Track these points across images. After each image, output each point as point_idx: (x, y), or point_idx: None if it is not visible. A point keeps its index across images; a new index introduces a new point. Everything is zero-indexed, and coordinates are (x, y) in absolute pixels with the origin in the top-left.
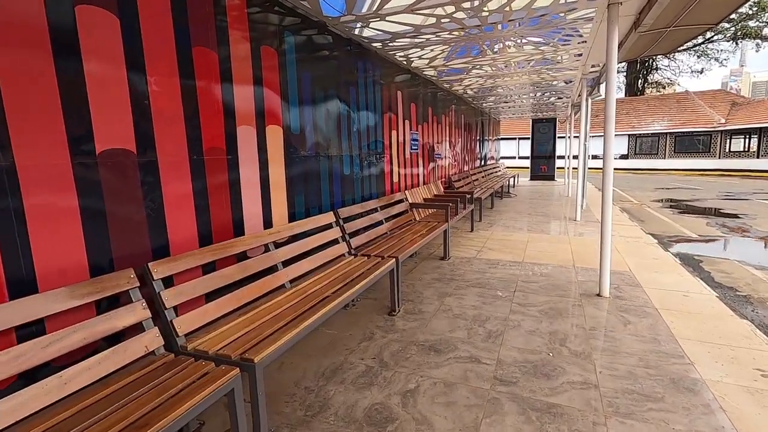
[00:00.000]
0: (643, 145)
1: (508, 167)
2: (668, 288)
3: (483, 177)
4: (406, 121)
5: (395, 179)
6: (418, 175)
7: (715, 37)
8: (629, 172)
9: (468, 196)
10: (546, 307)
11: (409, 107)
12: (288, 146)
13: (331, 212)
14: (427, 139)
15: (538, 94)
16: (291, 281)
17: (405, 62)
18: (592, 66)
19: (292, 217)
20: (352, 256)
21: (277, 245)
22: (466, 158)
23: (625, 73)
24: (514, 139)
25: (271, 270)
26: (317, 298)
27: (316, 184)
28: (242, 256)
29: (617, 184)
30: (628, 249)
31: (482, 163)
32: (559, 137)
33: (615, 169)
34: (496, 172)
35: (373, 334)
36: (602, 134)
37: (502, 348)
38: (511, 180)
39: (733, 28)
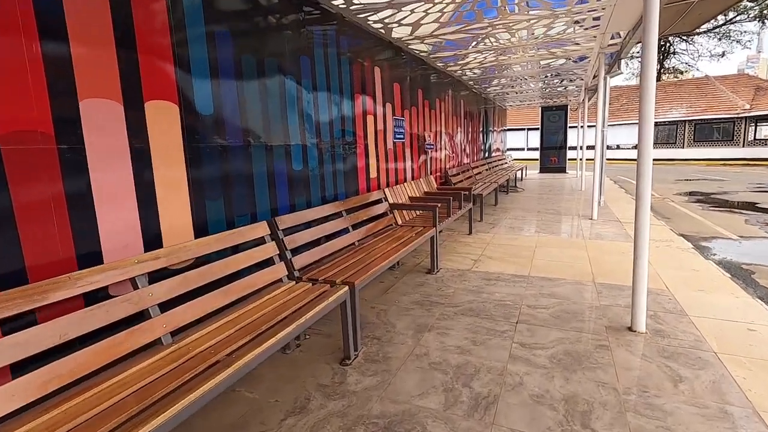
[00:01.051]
0: (659, 134)
1: (515, 159)
2: (723, 316)
3: (487, 170)
4: (388, 106)
5: (373, 175)
6: (404, 169)
7: (738, 18)
8: None
9: (465, 193)
10: (559, 350)
11: (391, 89)
12: (191, 132)
13: (266, 222)
14: (416, 128)
15: (548, 77)
16: (174, 333)
17: (383, 31)
18: (612, 39)
19: (202, 231)
20: (293, 281)
21: (157, 277)
22: (467, 150)
23: (639, 59)
24: (522, 129)
25: (138, 318)
26: (201, 364)
27: (245, 184)
28: (95, 298)
29: (630, 176)
30: (659, 257)
31: (486, 155)
32: (570, 127)
33: (626, 159)
34: (502, 164)
35: (308, 402)
36: (619, 123)
37: None
38: (519, 173)
39: (757, 7)
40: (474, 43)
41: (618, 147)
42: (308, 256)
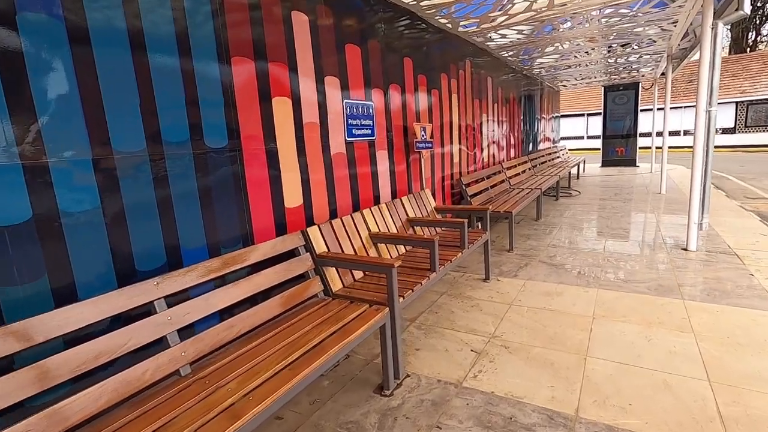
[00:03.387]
0: (755, 115)
1: (571, 150)
2: None
3: (530, 169)
4: (332, 81)
5: (292, 202)
6: (371, 185)
7: None
8: (737, 150)
9: (483, 214)
10: None
11: (338, 53)
12: None
13: None
14: (401, 117)
15: (615, 45)
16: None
17: None
18: None
19: None
20: None
21: None
22: (502, 143)
23: (728, 25)
24: (581, 115)
25: None
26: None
27: None
28: None
29: (724, 168)
30: None
31: (531, 148)
32: (642, 110)
33: (716, 147)
34: (553, 159)
35: None
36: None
37: None
38: (574, 169)
39: None
40: None
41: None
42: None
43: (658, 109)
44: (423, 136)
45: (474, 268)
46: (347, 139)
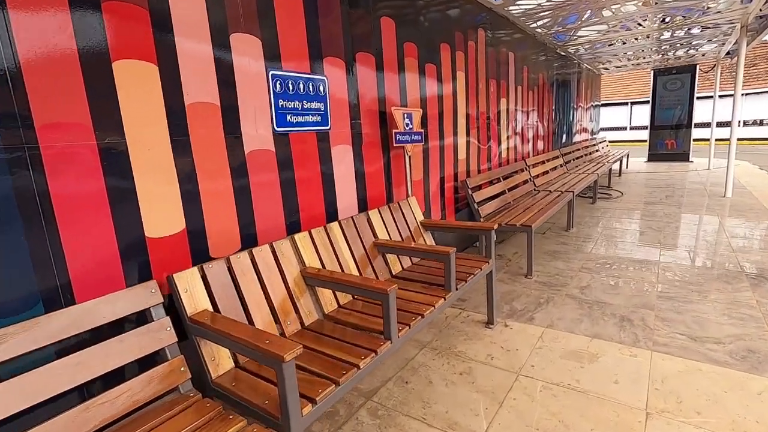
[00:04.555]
0: None
1: (612, 143)
2: None
3: (561, 166)
4: (243, 41)
5: (160, 228)
6: (317, 196)
7: None
8: None
9: (484, 234)
10: None
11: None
12: None
13: None
14: (372, 99)
15: (674, 10)
16: None
17: None
18: None
19: None
20: None
21: None
22: (524, 136)
23: None
24: (624, 104)
25: None
26: None
27: None
28: None
29: None
30: None
31: (564, 140)
32: (698, 97)
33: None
34: (590, 153)
35: None
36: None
37: None
38: (615, 165)
39: None
40: None
41: (761, 123)
42: None
43: (721, 96)
44: (408, 125)
45: (476, 301)
46: (276, 129)
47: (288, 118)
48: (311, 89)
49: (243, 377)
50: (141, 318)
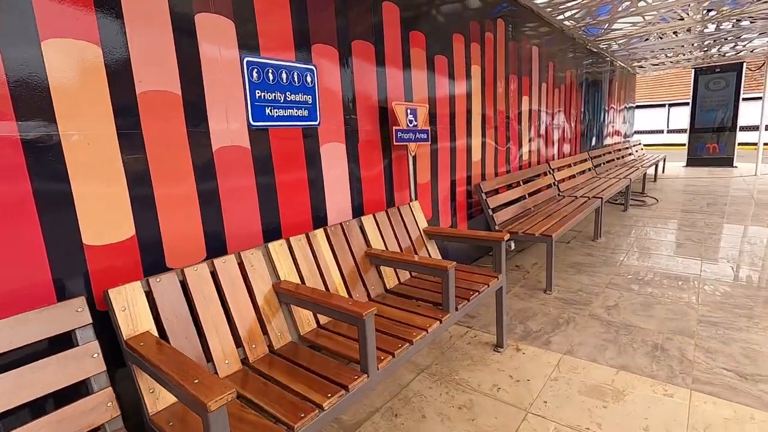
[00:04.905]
0: None
1: (647, 146)
2: None
3: (589, 170)
4: (211, 22)
5: (104, 234)
6: (303, 200)
7: None
8: None
9: (498, 243)
10: None
11: None
12: None
13: None
14: (371, 93)
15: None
16: None
17: None
18: None
19: None
20: None
21: None
22: (549, 137)
23: None
24: (661, 106)
25: None
26: None
27: None
28: None
29: None
30: None
31: (593, 143)
32: (745, 98)
33: None
34: (623, 157)
35: None
36: None
37: None
38: (651, 169)
39: None
40: None
41: None
42: None
43: None
44: (411, 122)
45: (487, 318)
46: (253, 123)
47: (267, 111)
48: (296, 80)
49: (187, 417)
50: (68, 341)
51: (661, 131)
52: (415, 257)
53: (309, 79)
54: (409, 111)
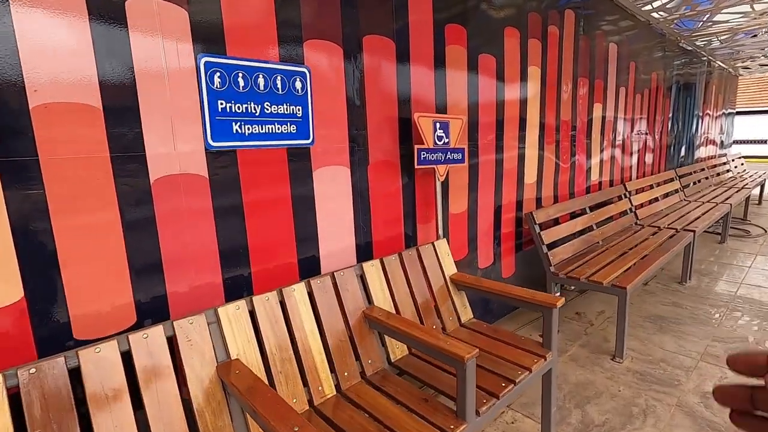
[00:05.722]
0: None
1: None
2: None
3: (676, 192)
4: (150, 7)
5: None
6: (286, 242)
7: None
8: None
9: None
10: None
11: None
12: None
13: None
14: (388, 101)
15: None
16: None
17: None
18: None
19: None
20: None
21: None
22: (627, 150)
23: None
24: (766, 112)
25: None
26: None
27: None
28: None
29: None
30: None
31: (682, 157)
32: None
33: None
34: (718, 174)
35: None
36: None
37: None
38: (756, 189)
39: None
40: None
41: None
42: None
43: None
44: (441, 139)
45: (531, 395)
46: (212, 143)
47: (235, 127)
48: (279, 86)
49: None
50: None
51: (765, 141)
52: (422, 334)
53: (299, 85)
54: (438, 125)
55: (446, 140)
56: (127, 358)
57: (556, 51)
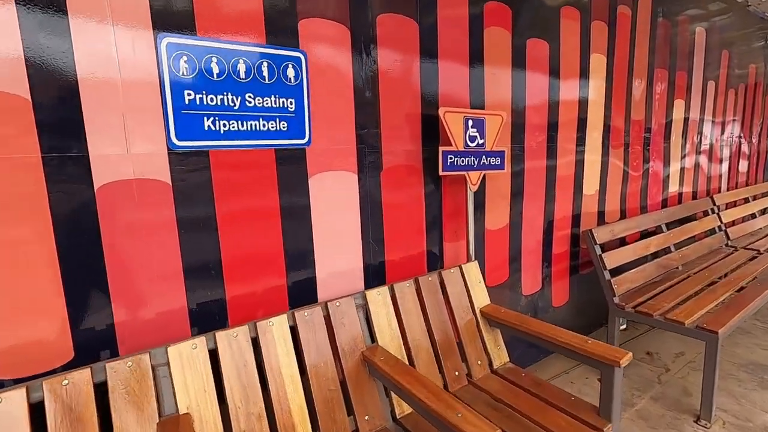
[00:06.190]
0: None
1: None
2: None
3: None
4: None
5: None
6: (270, 265)
7: None
8: None
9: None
10: None
11: None
12: None
13: None
14: (409, 94)
15: None
16: None
17: None
18: None
19: None
20: None
21: None
22: (714, 157)
23: None
24: None
25: None
26: None
27: None
28: None
29: None
30: None
31: None
32: None
33: None
34: None
35: None
36: None
37: None
38: None
39: None
40: None
41: None
42: None
43: None
44: (473, 139)
45: None
46: (176, 143)
47: (207, 123)
48: (266, 74)
49: None
50: None
51: None
52: (431, 400)
53: (291, 73)
54: (470, 123)
55: (480, 141)
56: (40, 408)
57: (627, 37)
